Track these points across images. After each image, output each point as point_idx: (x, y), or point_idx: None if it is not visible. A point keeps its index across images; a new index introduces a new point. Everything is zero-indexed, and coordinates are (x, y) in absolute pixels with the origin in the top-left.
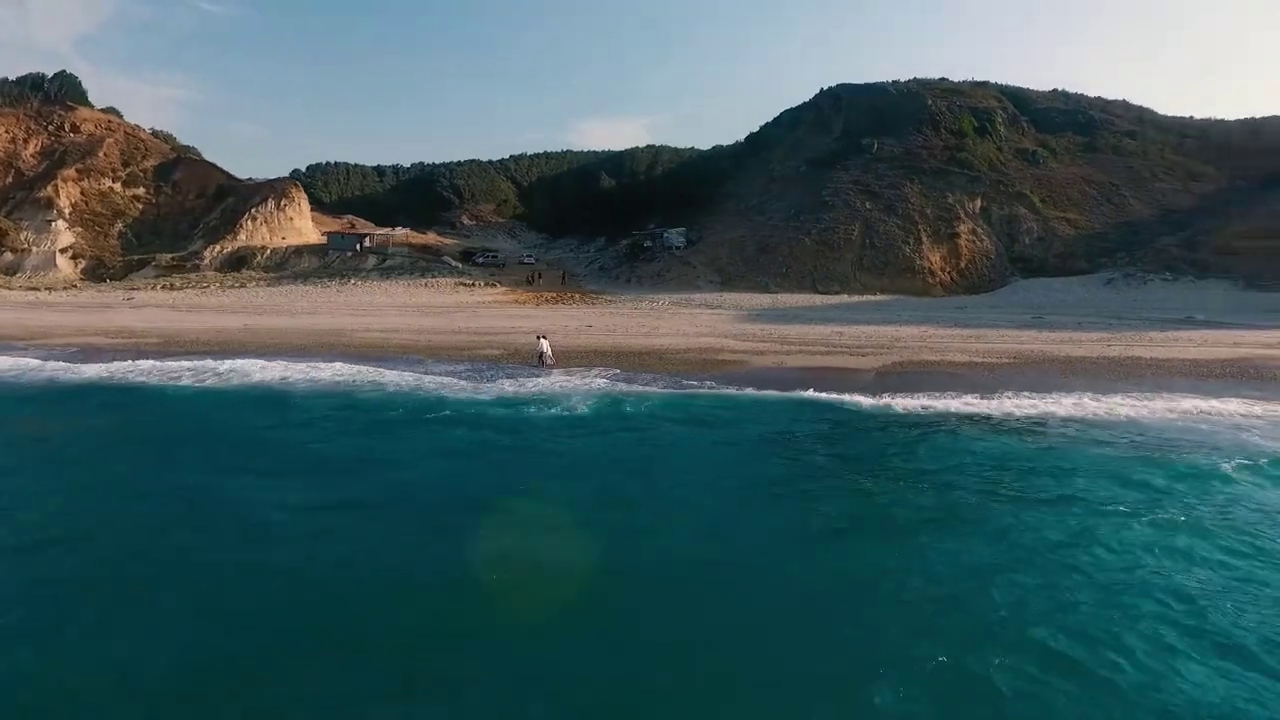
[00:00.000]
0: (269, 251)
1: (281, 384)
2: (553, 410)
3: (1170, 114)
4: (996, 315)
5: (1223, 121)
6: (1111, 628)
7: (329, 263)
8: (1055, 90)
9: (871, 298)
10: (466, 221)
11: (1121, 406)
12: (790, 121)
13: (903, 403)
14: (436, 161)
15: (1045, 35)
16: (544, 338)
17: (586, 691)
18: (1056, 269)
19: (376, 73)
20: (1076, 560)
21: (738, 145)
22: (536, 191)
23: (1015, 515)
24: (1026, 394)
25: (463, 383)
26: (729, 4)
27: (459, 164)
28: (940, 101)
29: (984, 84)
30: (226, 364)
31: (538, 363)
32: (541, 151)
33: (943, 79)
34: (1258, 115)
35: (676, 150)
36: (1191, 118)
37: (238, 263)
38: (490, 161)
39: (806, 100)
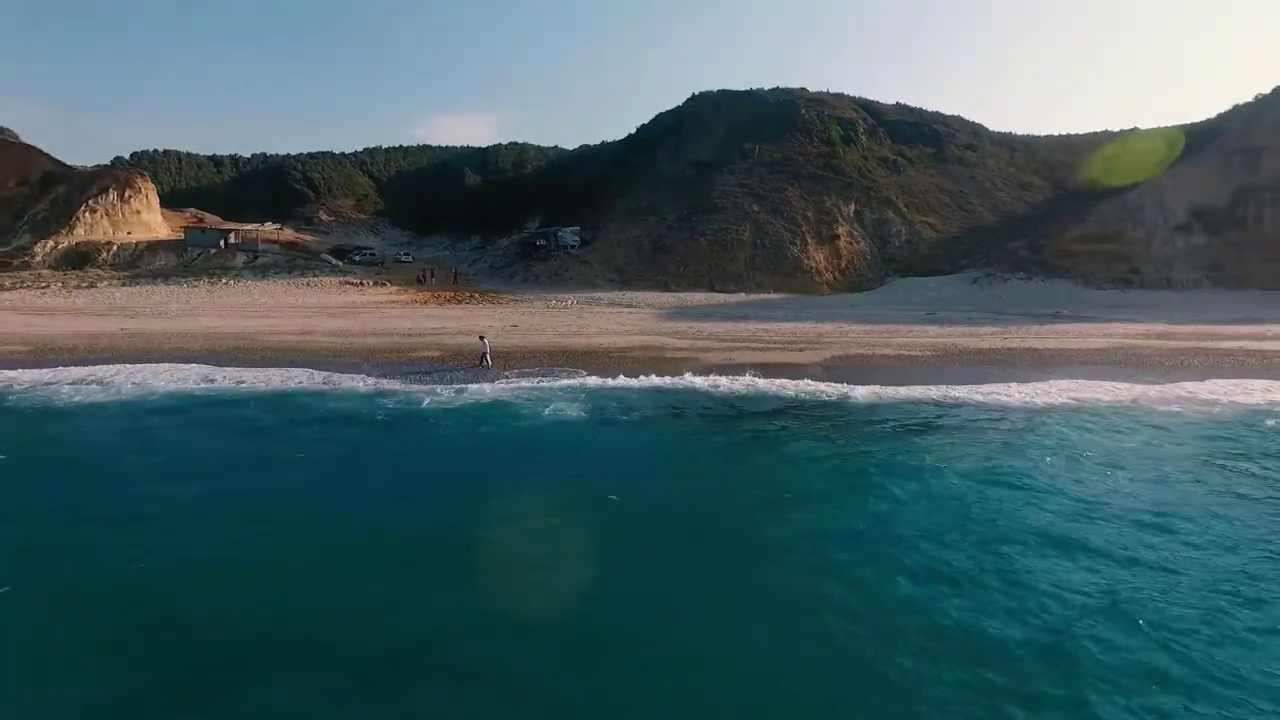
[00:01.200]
0: (115, 248)
1: (226, 393)
2: (549, 410)
3: (998, 130)
4: (895, 312)
5: (1040, 137)
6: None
7: (190, 260)
8: (898, 104)
9: (768, 296)
10: (325, 217)
11: (1048, 393)
12: (670, 124)
13: (878, 393)
14: (278, 153)
15: (883, 52)
16: (485, 337)
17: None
18: (923, 269)
19: (198, 52)
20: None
21: (614, 145)
22: (396, 187)
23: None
24: (973, 384)
25: (428, 387)
26: (582, 5)
27: (311, 156)
28: (810, 110)
29: (840, 95)
30: (128, 370)
31: (480, 363)
32: (398, 145)
33: (802, 88)
34: (1062, 133)
35: (540, 149)
36: (1012, 133)
37: (79, 260)
38: (345, 154)
39: (680, 104)
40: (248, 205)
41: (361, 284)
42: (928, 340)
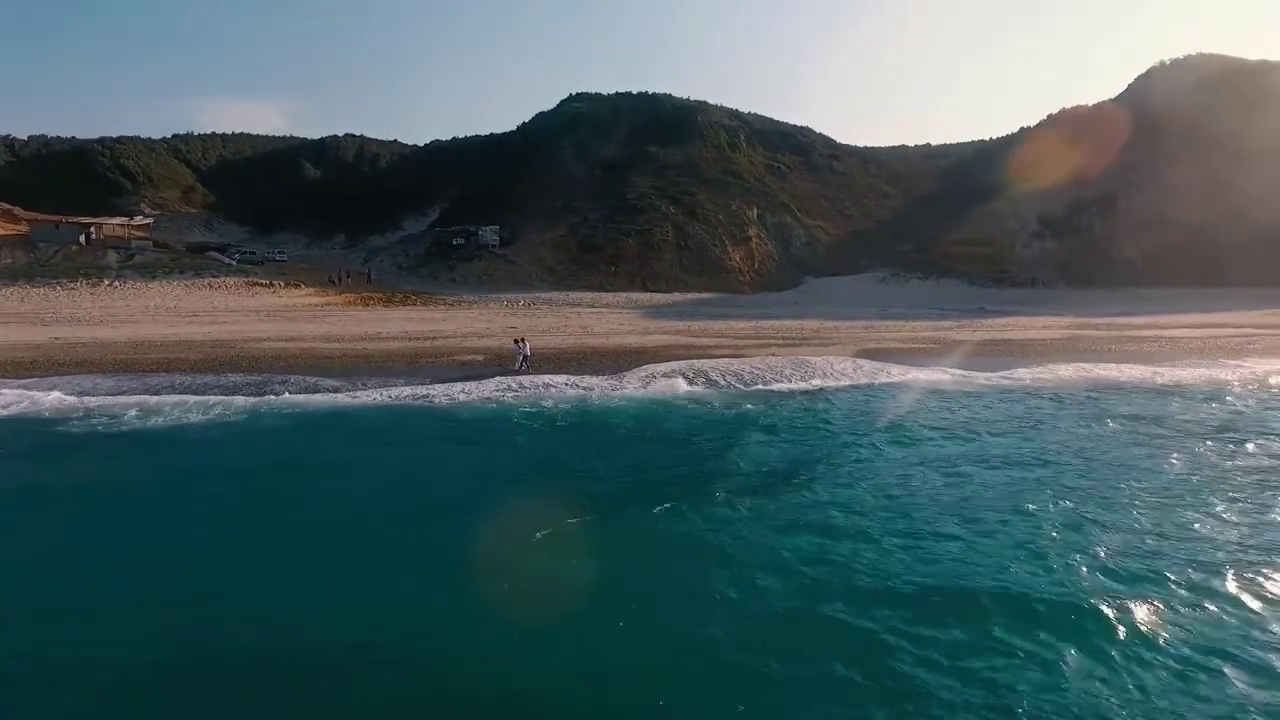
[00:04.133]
0: None
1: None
2: (718, 405)
3: (843, 142)
4: (846, 309)
5: (880, 148)
6: None
7: (46, 259)
8: (752, 113)
9: (701, 295)
10: (149, 211)
11: (1062, 371)
12: (559, 124)
13: (990, 379)
14: (63, 135)
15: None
16: (521, 341)
17: None
18: (825, 269)
19: None
20: None
21: (486, 140)
22: (222, 178)
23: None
24: (1008, 370)
25: (554, 388)
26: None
27: (119, 141)
28: (703, 116)
29: (703, 101)
30: (187, 382)
31: (520, 366)
32: (212, 132)
33: (668, 94)
34: (888, 145)
35: (381, 142)
36: (854, 144)
37: None
38: (156, 140)
39: (562, 103)
40: (43, 194)
41: (272, 285)
42: (912, 334)
